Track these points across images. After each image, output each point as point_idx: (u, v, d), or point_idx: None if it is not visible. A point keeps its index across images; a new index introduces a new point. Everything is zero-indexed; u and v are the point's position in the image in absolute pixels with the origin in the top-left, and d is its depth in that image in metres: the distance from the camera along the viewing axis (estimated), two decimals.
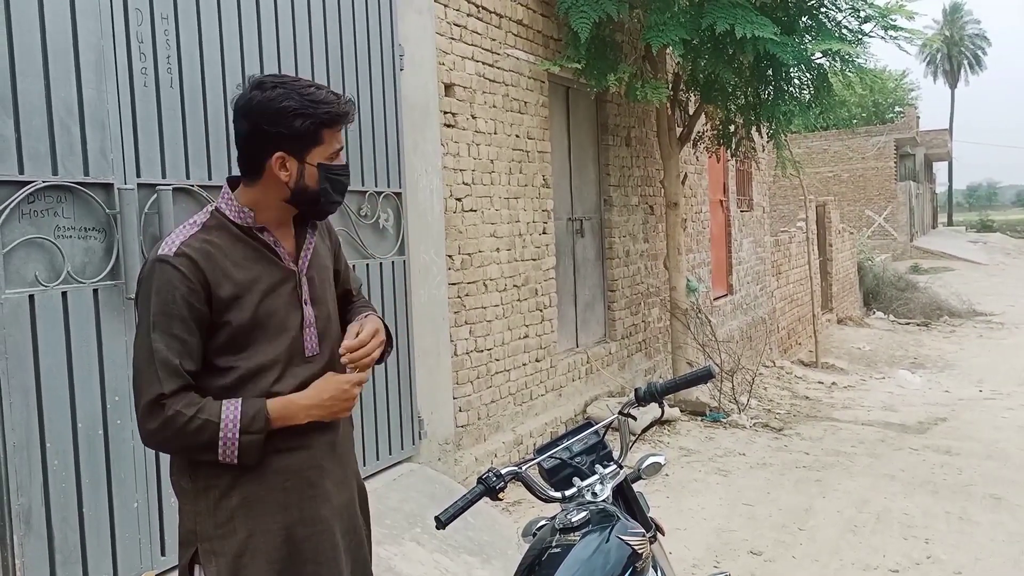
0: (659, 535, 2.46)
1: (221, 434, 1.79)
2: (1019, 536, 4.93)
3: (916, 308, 19.53)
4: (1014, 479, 6.11)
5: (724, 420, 7.54)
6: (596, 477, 2.32)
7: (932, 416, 8.80)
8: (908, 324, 18.33)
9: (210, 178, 3.60)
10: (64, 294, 3.03)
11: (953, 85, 60.07)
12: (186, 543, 1.94)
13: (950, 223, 55.86)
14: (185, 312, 1.82)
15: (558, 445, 2.39)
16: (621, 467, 2.38)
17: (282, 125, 1.84)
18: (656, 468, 2.47)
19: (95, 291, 3.13)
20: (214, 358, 1.88)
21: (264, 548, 1.89)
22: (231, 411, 1.80)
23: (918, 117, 37.94)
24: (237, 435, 1.80)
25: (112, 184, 3.19)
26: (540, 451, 2.38)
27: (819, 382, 10.97)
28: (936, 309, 19.52)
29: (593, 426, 2.46)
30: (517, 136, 6.13)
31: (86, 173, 3.11)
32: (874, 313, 19.67)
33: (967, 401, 9.95)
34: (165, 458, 3.32)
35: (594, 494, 2.28)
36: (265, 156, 1.88)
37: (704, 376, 2.49)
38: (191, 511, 1.92)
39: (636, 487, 2.49)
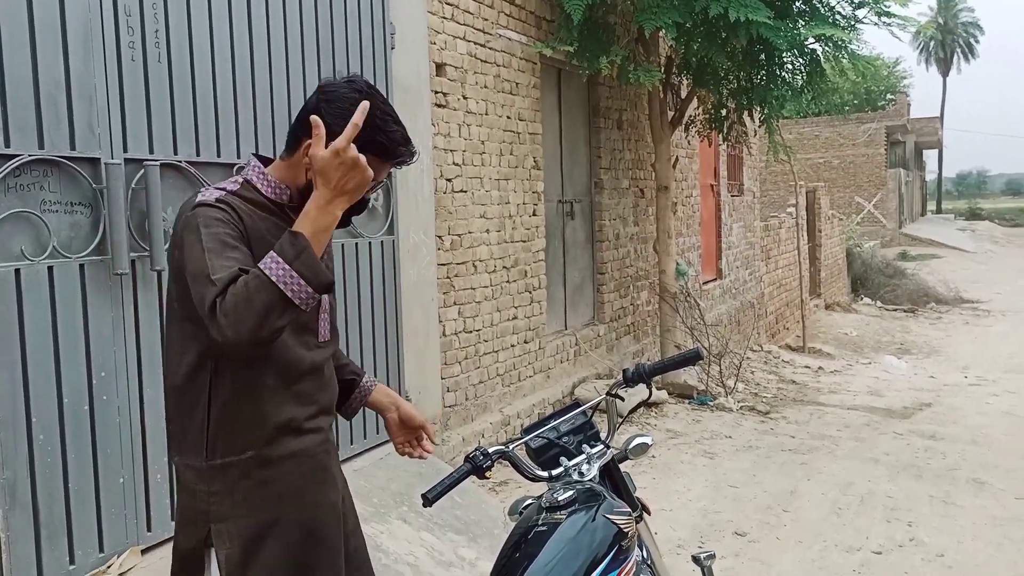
0: (645, 515, 2.47)
1: (274, 276, 1.64)
2: (1002, 520, 4.98)
3: (903, 295, 19.63)
4: (998, 464, 6.17)
5: (711, 403, 7.58)
6: (583, 457, 2.32)
7: (917, 401, 8.87)
8: (895, 310, 18.42)
9: (198, 154, 3.58)
10: (50, 268, 3.01)
11: (945, 73, 60.10)
12: (193, 523, 1.89)
13: (939, 211, 56.04)
14: (236, 240, 1.76)
15: (546, 425, 2.39)
16: (608, 447, 2.39)
17: (336, 118, 1.77)
18: (643, 448, 2.48)
19: (81, 266, 3.11)
20: None
21: (279, 532, 1.86)
22: (268, 259, 1.67)
23: (909, 104, 37.93)
24: (287, 265, 1.65)
25: (99, 159, 3.17)
26: (527, 431, 2.38)
27: (806, 367, 11.03)
28: (923, 296, 19.63)
29: (581, 406, 2.46)
30: (508, 117, 6.11)
31: (72, 147, 3.08)
32: (862, 299, 19.74)
33: (952, 387, 10.02)
34: (152, 434, 3.35)
35: (581, 474, 2.28)
36: (306, 135, 1.81)
37: (692, 357, 2.50)
38: (204, 491, 1.86)
39: (623, 467, 2.50)
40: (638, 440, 2.48)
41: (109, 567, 3.16)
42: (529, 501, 2.31)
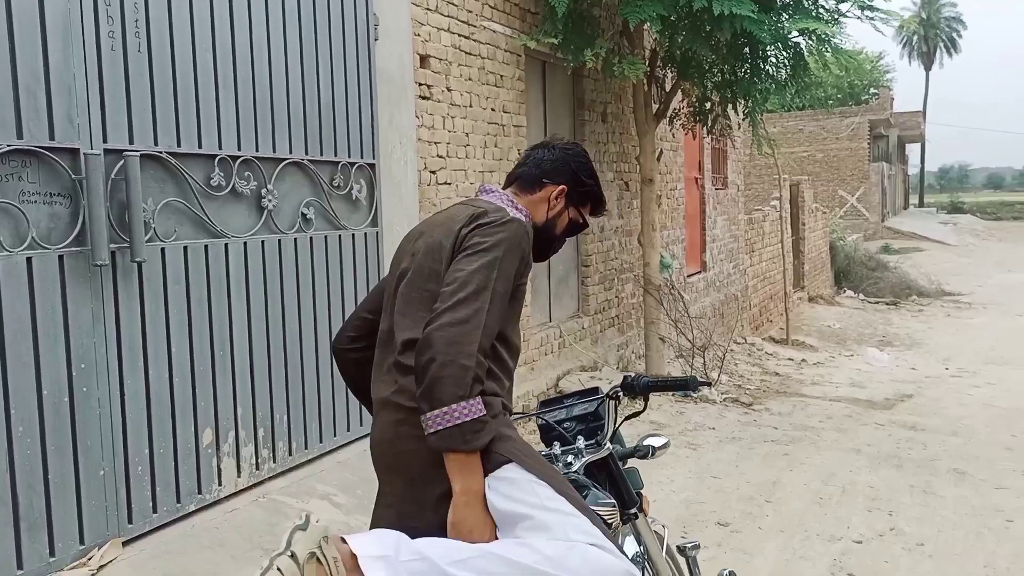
0: (644, 511, 2.49)
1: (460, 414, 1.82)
2: (981, 510, 5.03)
3: (886, 287, 19.76)
4: (978, 455, 6.22)
5: (694, 395, 7.60)
6: (572, 447, 2.34)
7: (899, 393, 8.94)
8: (878, 303, 18.55)
9: (179, 145, 3.55)
10: (29, 260, 2.98)
11: (928, 67, 60.42)
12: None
13: (921, 204, 56.32)
14: (516, 276, 2.00)
15: (561, 404, 2.49)
16: (601, 446, 2.39)
17: (583, 174, 2.26)
18: (650, 450, 2.52)
19: (60, 257, 3.09)
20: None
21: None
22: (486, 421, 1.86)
23: (892, 99, 38.11)
24: (473, 414, 1.83)
25: (78, 149, 3.14)
26: (544, 404, 2.51)
27: (789, 359, 11.08)
28: (905, 289, 19.76)
29: (600, 395, 2.50)
30: (492, 110, 6.10)
31: (52, 138, 3.06)
32: (844, 292, 19.86)
33: (933, 379, 10.10)
34: (133, 425, 3.33)
35: (567, 464, 2.30)
36: (553, 181, 2.23)
37: (688, 384, 2.53)
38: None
39: (633, 462, 2.53)
40: (648, 441, 2.53)
41: (90, 559, 3.14)
42: None
